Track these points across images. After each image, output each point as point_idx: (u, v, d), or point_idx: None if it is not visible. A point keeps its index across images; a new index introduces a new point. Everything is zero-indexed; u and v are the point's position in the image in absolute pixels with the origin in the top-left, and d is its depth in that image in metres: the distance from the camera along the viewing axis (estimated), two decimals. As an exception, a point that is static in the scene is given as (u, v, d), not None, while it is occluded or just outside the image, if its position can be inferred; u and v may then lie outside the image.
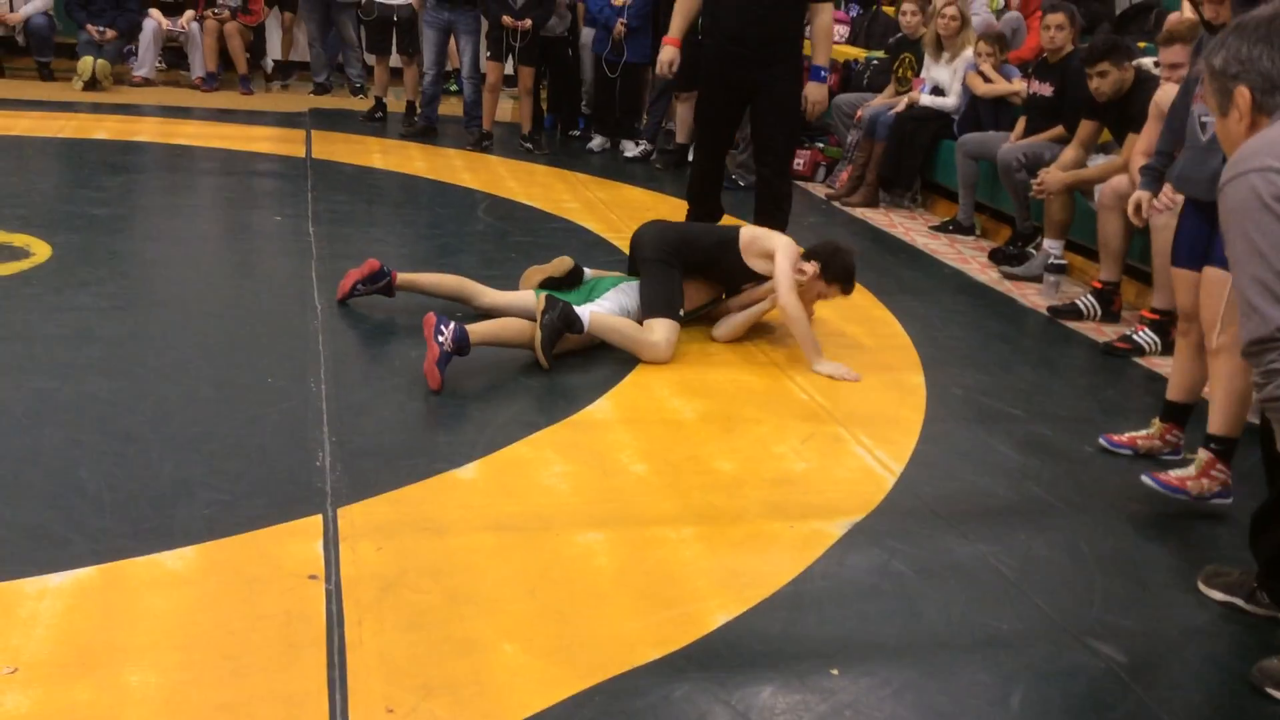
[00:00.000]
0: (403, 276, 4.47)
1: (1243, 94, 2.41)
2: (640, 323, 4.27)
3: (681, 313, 4.35)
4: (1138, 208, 3.95)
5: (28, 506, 2.79)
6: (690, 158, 8.34)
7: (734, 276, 4.57)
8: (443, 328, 3.76)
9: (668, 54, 5.23)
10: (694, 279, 4.52)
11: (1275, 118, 2.38)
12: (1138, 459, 3.70)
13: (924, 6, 7.63)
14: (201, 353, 3.92)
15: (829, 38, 5.25)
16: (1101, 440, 3.78)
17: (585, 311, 4.14)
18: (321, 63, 10.10)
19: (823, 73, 5.19)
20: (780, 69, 5.07)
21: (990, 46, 6.89)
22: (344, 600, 2.52)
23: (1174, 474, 3.37)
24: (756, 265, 4.47)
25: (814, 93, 5.18)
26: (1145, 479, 3.37)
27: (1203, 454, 3.36)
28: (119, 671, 2.21)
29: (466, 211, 6.40)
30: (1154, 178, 3.98)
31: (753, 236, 4.51)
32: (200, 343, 4.02)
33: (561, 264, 4.62)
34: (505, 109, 9.64)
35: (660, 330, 4.22)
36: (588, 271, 4.70)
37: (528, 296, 4.40)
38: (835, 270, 4.41)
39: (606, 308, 4.30)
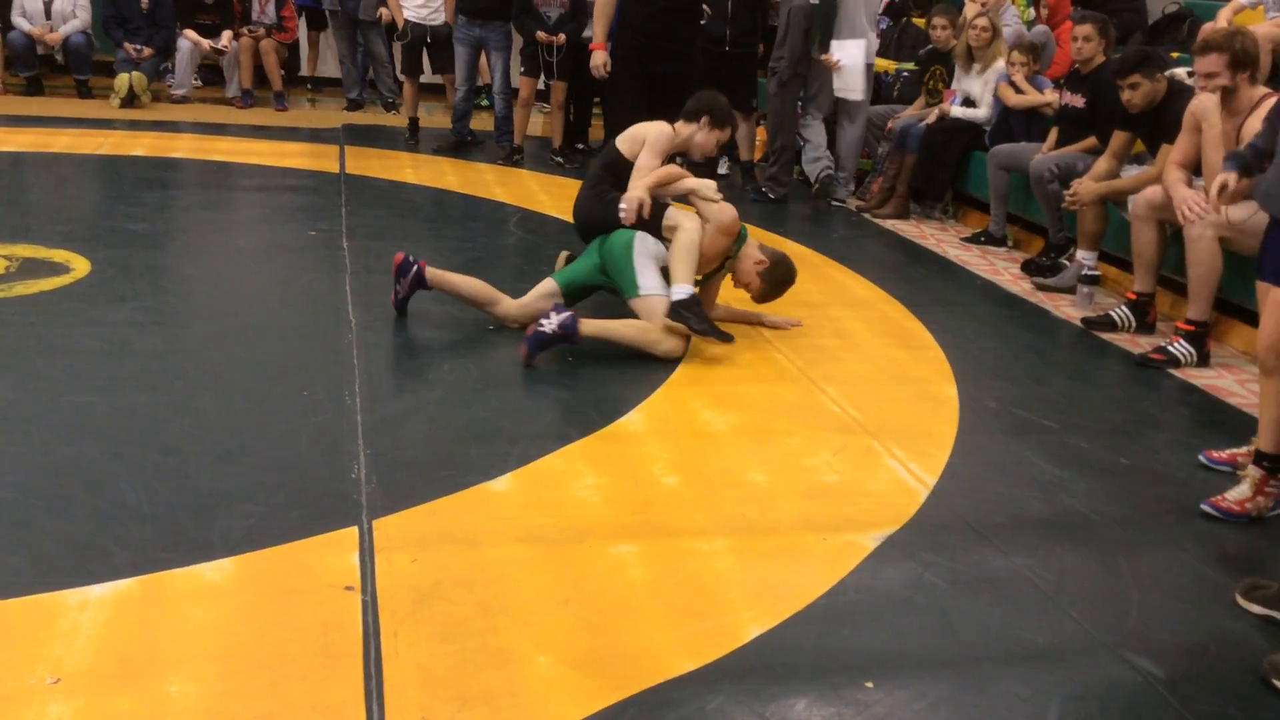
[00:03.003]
0: (434, 271, 4.50)
1: None
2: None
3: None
4: (1221, 190, 3.72)
5: (69, 519, 2.83)
6: (722, 169, 8.39)
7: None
8: (553, 312, 4.05)
9: (599, 58, 5.79)
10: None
11: None
12: (1192, 474, 3.66)
13: (954, 20, 7.61)
14: (238, 366, 3.97)
15: None
16: (1201, 457, 3.74)
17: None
18: (353, 79, 10.20)
19: None
20: (681, 63, 5.59)
21: (1024, 56, 6.86)
22: (380, 611, 2.54)
23: (1231, 498, 3.36)
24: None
25: None
26: (1204, 507, 3.37)
27: (1254, 471, 3.35)
28: (159, 682, 2.24)
29: (498, 225, 6.44)
30: (1239, 163, 3.73)
31: (629, 139, 4.62)
32: (237, 356, 4.07)
33: (562, 259, 4.82)
34: (536, 123, 9.69)
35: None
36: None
37: (543, 287, 4.53)
38: (720, 115, 4.71)
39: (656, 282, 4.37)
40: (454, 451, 3.41)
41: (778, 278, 4.61)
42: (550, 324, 4.00)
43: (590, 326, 4.10)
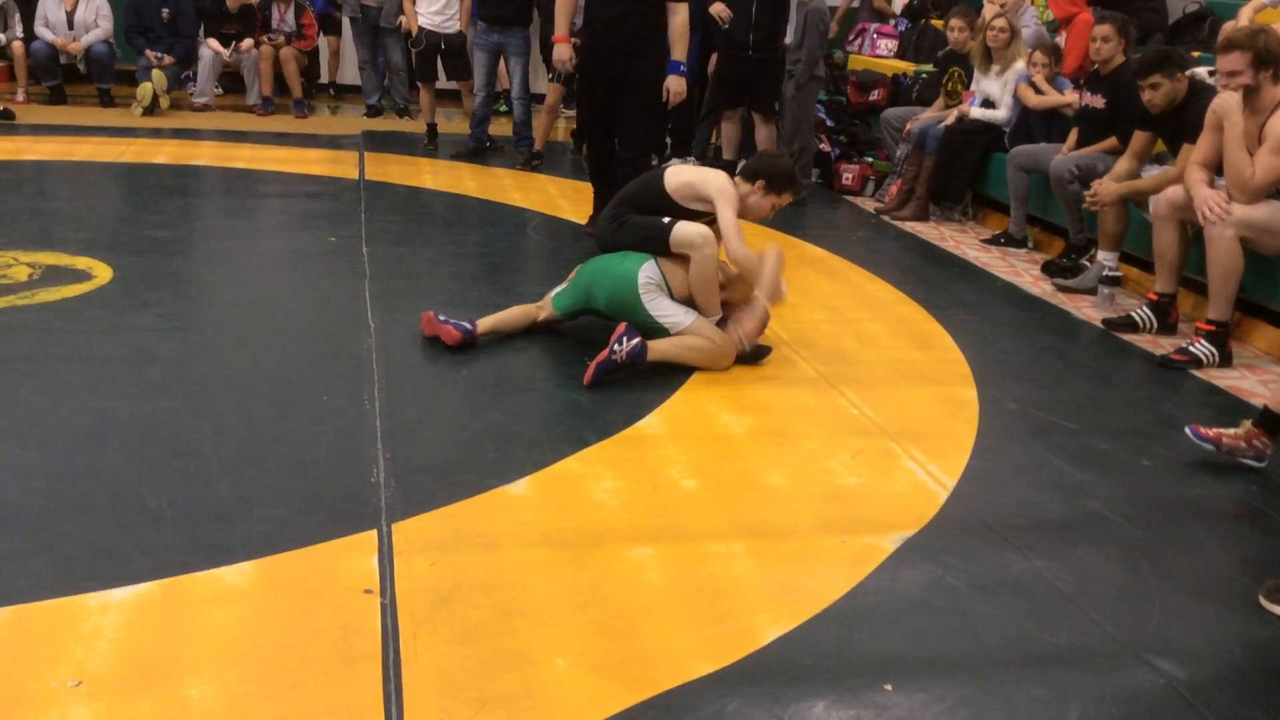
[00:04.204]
0: (483, 324, 4.41)
1: None
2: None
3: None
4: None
5: (91, 524, 2.85)
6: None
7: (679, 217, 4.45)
8: (625, 338, 4.02)
9: (563, 51, 5.76)
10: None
11: None
12: (1215, 475, 3.63)
13: (972, 23, 7.59)
14: (258, 372, 3.99)
15: (685, 35, 5.80)
16: (1187, 430, 3.73)
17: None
18: (373, 85, 10.25)
19: (680, 66, 5.75)
20: (643, 62, 5.62)
21: (1046, 57, 6.84)
22: (399, 614, 2.55)
23: (1215, 429, 3.55)
24: (696, 207, 4.42)
25: (674, 84, 5.76)
26: (1187, 430, 3.65)
27: (1247, 424, 3.55)
28: (180, 685, 2.25)
29: (517, 230, 6.45)
30: None
31: (683, 182, 4.44)
32: (257, 362, 4.09)
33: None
34: (558, 128, 9.70)
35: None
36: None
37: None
38: (778, 179, 4.47)
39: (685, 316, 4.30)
40: (472, 455, 3.42)
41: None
42: (620, 352, 4.01)
43: (656, 353, 4.12)
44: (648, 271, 4.26)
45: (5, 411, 3.50)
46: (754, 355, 4.39)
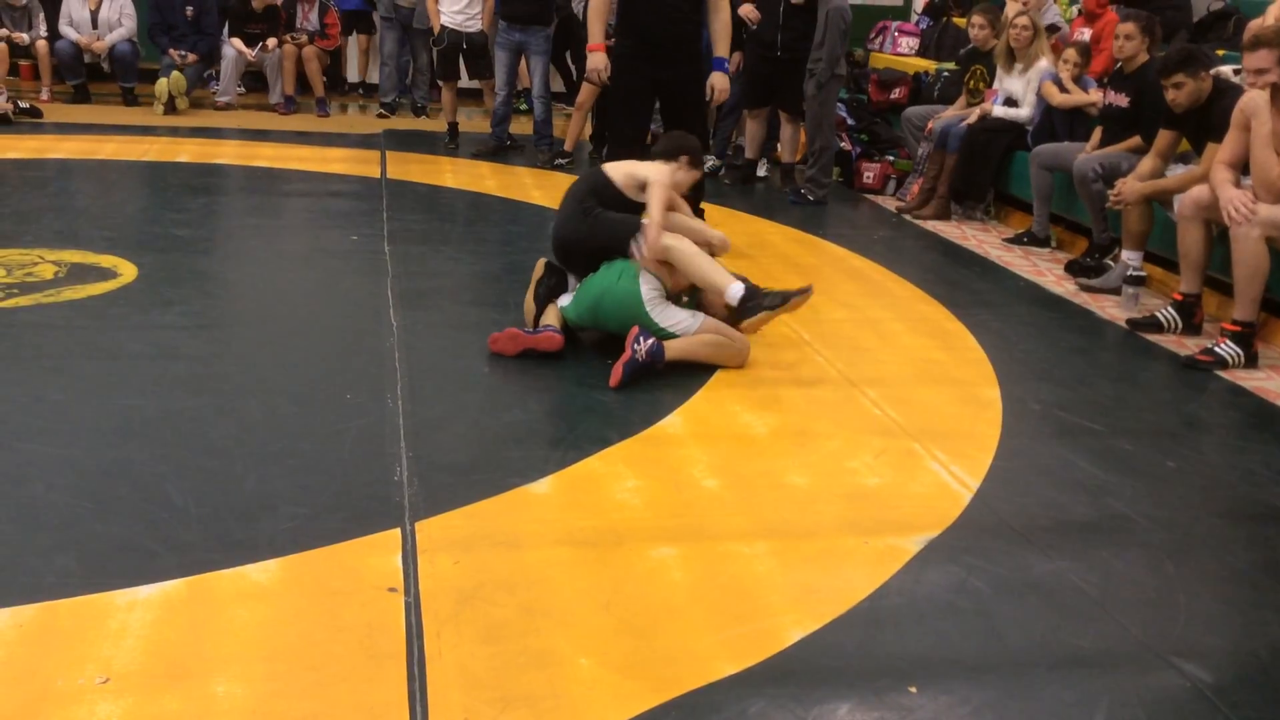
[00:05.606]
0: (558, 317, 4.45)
1: None
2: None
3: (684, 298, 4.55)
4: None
5: (117, 520, 2.87)
6: (761, 171, 8.37)
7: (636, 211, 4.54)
8: (641, 338, 4.06)
9: (598, 60, 5.53)
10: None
11: None
12: (1241, 476, 3.60)
13: (994, 20, 7.55)
14: (282, 370, 4.01)
15: (728, 33, 5.69)
16: None
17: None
18: (391, 84, 10.27)
19: (724, 64, 5.66)
20: (686, 67, 5.56)
21: (1078, 56, 6.80)
22: (423, 613, 2.55)
23: None
24: (639, 198, 4.48)
25: (719, 81, 5.64)
26: None
27: None
28: (206, 681, 2.27)
29: (537, 229, 6.45)
30: None
31: (625, 173, 4.55)
32: (281, 360, 4.11)
33: (539, 268, 4.67)
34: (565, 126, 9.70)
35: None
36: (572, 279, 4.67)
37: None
38: (697, 154, 4.69)
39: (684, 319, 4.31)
40: (495, 454, 3.43)
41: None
42: (640, 351, 4.05)
43: (673, 351, 4.15)
44: (647, 285, 4.27)
45: (32, 409, 3.53)
46: (784, 299, 4.32)
